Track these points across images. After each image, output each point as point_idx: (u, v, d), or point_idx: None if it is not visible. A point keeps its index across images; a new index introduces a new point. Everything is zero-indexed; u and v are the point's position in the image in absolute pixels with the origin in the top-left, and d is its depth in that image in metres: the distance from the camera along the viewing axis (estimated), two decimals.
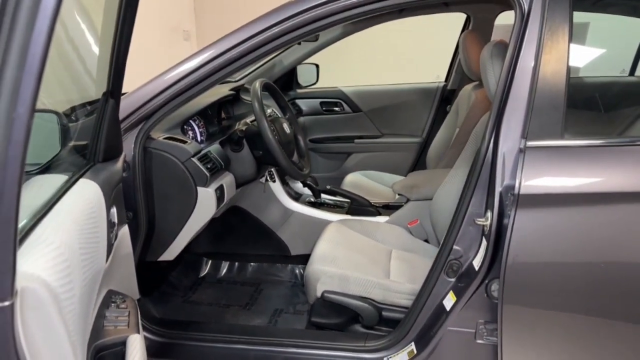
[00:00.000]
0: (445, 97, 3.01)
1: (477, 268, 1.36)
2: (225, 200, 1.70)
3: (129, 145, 1.49)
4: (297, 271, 2.32)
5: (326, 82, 3.13)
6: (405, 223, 2.15)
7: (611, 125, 1.52)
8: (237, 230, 2.33)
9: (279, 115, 2.08)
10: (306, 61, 2.96)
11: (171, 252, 1.65)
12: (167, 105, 1.50)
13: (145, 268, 1.69)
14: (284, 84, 3.09)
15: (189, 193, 1.56)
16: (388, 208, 2.34)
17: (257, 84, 1.77)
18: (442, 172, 2.22)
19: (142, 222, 1.52)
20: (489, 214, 1.31)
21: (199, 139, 1.92)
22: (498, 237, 1.30)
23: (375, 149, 3.13)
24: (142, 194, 1.50)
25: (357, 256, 1.84)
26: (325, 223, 2.16)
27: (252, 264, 2.36)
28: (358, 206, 2.25)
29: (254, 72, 2.86)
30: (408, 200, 2.19)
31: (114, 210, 1.05)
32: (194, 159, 1.56)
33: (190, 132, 1.88)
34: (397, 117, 3.11)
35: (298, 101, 3.15)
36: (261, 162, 1.84)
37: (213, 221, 2.13)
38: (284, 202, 2.26)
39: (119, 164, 1.22)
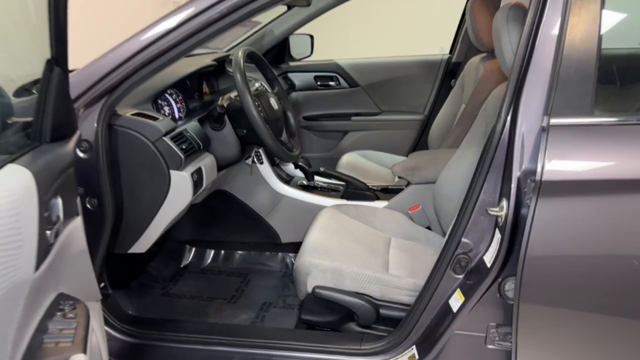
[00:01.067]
0: (449, 71, 2.83)
1: (489, 264, 1.20)
2: (204, 185, 1.53)
3: (90, 122, 1.32)
4: (287, 260, 2.17)
5: (321, 54, 2.94)
6: (406, 208, 1.99)
7: None
8: (223, 215, 2.17)
9: (267, 90, 1.90)
10: (299, 31, 2.76)
11: (143, 244, 1.48)
12: (134, 76, 1.32)
13: (119, 258, 1.54)
14: (275, 56, 2.90)
15: (160, 177, 1.39)
16: (387, 192, 2.17)
17: (240, 53, 1.58)
18: (447, 153, 2.05)
19: (109, 209, 1.35)
20: (504, 202, 1.15)
21: (176, 115, 1.74)
22: (514, 230, 1.14)
23: (373, 127, 2.95)
24: (108, 178, 1.33)
25: (353, 246, 1.69)
26: (318, 208, 2.00)
27: (239, 252, 2.20)
28: (354, 190, 2.08)
29: (242, 43, 2.66)
30: (409, 183, 2.02)
31: (57, 201, 0.88)
32: (166, 139, 1.38)
33: (166, 108, 1.69)
34: (398, 92, 2.92)
35: (290, 75, 2.96)
36: (246, 142, 1.66)
37: (196, 206, 1.97)
38: (273, 186, 2.09)
39: (71, 144, 1.04)
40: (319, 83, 2.98)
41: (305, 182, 2.20)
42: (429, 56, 2.88)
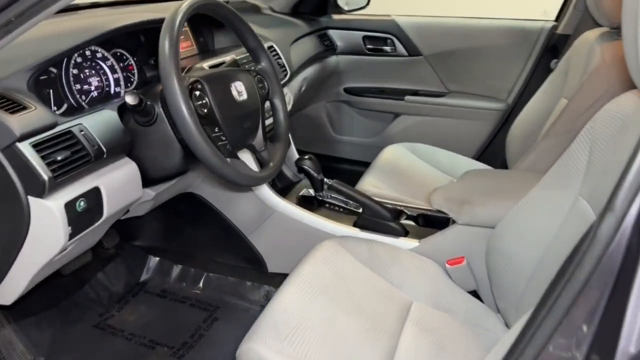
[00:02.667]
0: (551, 46, 2.10)
1: None
2: (104, 214, 1.02)
3: None
4: (272, 296, 1.66)
5: (375, 7, 2.29)
6: (444, 258, 1.39)
7: None
8: (194, 224, 1.69)
9: (240, 66, 1.33)
10: None
11: (5, 295, 1.03)
12: None
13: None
14: (315, 6, 2.31)
15: (12, 207, 0.90)
16: (426, 221, 1.57)
17: (184, 6, 1.02)
18: (520, 181, 1.44)
19: None
20: None
21: (112, 89, 1.25)
22: None
23: (434, 112, 2.31)
24: None
25: (343, 320, 1.16)
26: (320, 235, 1.48)
27: (212, 274, 1.72)
28: (372, 217, 1.50)
29: None
30: (452, 220, 1.42)
31: None
32: (22, 145, 0.88)
33: (93, 79, 1.19)
34: (474, 68, 2.25)
35: (331, 32, 2.36)
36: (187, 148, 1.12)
37: (164, 207, 1.51)
38: (260, 195, 1.55)
39: None
40: (368, 46, 2.36)
41: (311, 192, 1.64)
42: (525, 22, 2.15)
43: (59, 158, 0.91)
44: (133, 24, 1.20)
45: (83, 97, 1.16)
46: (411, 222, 1.56)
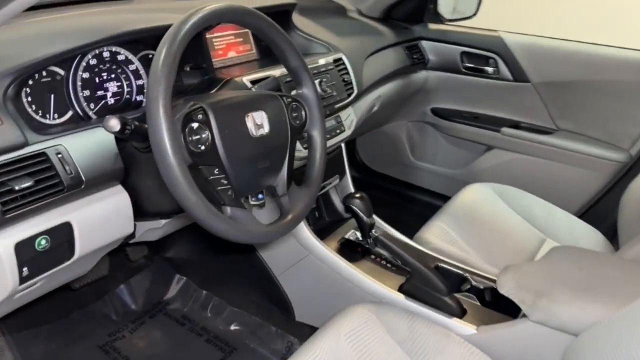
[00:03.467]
0: None
1: None
2: (76, 254, 0.87)
3: None
4: (295, 348, 1.46)
5: (479, 19, 1.98)
6: (506, 359, 1.10)
7: None
8: (225, 252, 1.53)
9: (280, 88, 1.12)
10: None
11: None
12: None
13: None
14: (411, 13, 2.04)
15: None
16: (494, 301, 1.27)
17: (199, 13, 0.82)
18: (629, 277, 1.12)
19: None
20: None
21: (134, 98, 1.10)
22: None
23: (536, 151, 1.96)
24: None
25: None
26: (356, 293, 1.28)
27: (236, 309, 1.55)
28: (423, 286, 1.23)
29: None
30: (522, 313, 1.11)
31: None
32: None
33: (111, 85, 1.06)
34: (593, 106, 1.88)
35: (425, 44, 2.08)
36: None
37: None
38: (296, 232, 1.35)
39: None
40: (466, 64, 2.05)
41: (358, 236, 1.41)
42: None
43: (16, 188, 0.77)
44: (158, 26, 1.04)
45: (92, 105, 1.02)
46: (472, 298, 1.28)
